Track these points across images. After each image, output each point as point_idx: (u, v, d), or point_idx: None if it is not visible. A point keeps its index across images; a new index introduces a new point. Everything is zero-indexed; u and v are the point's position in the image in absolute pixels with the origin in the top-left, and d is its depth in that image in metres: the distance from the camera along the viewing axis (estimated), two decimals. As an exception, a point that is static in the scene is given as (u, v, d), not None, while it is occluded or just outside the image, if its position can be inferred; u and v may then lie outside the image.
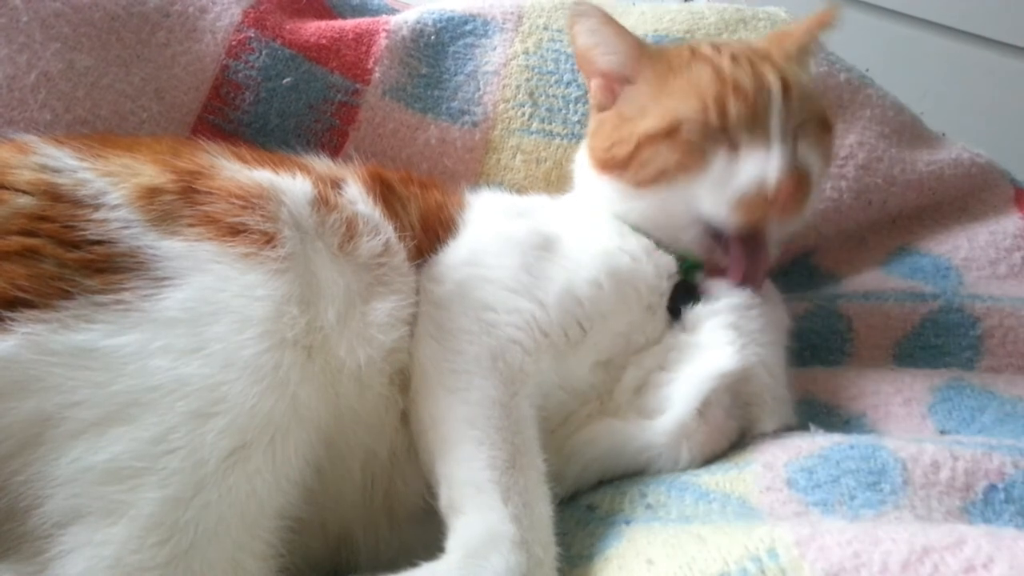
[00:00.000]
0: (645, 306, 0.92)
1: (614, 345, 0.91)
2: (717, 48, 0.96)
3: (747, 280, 0.92)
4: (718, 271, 0.94)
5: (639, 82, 0.97)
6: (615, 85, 0.99)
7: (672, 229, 0.94)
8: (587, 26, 0.97)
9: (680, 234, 0.94)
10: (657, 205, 0.93)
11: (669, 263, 0.94)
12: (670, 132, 0.90)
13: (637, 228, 0.96)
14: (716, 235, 0.92)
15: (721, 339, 0.88)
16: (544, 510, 0.75)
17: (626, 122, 0.95)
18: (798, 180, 0.87)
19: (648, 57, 0.97)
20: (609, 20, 0.97)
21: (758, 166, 0.87)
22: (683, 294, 0.93)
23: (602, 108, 1.00)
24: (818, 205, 1.23)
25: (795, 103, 0.90)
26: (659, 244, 0.95)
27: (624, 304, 0.90)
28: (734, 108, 0.88)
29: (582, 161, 1.05)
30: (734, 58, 0.93)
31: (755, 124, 0.88)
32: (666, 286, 0.93)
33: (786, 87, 0.90)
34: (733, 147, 0.89)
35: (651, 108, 0.93)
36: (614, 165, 0.96)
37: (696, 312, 0.91)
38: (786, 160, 0.86)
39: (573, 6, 0.96)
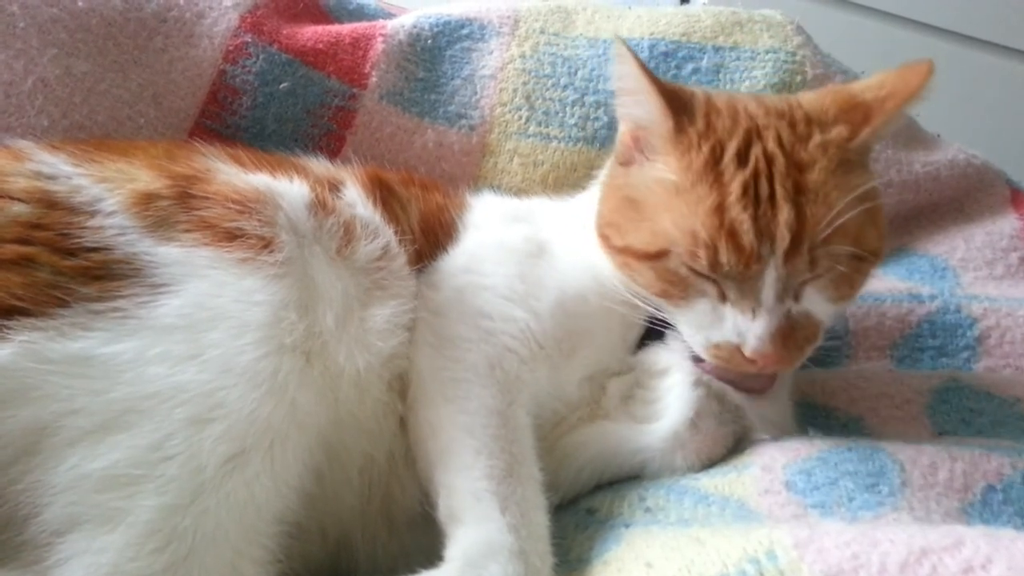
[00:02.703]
0: (622, 333, 0.90)
1: (599, 361, 0.90)
2: (747, 146, 0.80)
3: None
4: None
5: (656, 166, 0.83)
6: (642, 141, 0.86)
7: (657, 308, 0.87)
8: (622, 72, 0.84)
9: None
10: (639, 292, 0.86)
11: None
12: (659, 256, 0.81)
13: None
14: None
15: (667, 357, 0.87)
16: (541, 519, 0.75)
17: (628, 207, 0.86)
18: (786, 341, 0.78)
19: (674, 139, 0.82)
20: (645, 76, 0.81)
21: (738, 328, 0.78)
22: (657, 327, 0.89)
23: (622, 162, 0.89)
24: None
25: (804, 254, 0.76)
26: None
27: (608, 322, 0.89)
28: (725, 261, 0.76)
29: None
30: (745, 188, 0.77)
31: (746, 280, 0.77)
32: (638, 322, 0.89)
33: (798, 237, 0.76)
34: (721, 296, 0.79)
35: (647, 220, 0.82)
36: (604, 244, 0.88)
37: (652, 343, 0.89)
38: (772, 327, 0.77)
39: (616, 46, 0.83)
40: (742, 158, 0.80)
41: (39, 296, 0.66)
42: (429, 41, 1.27)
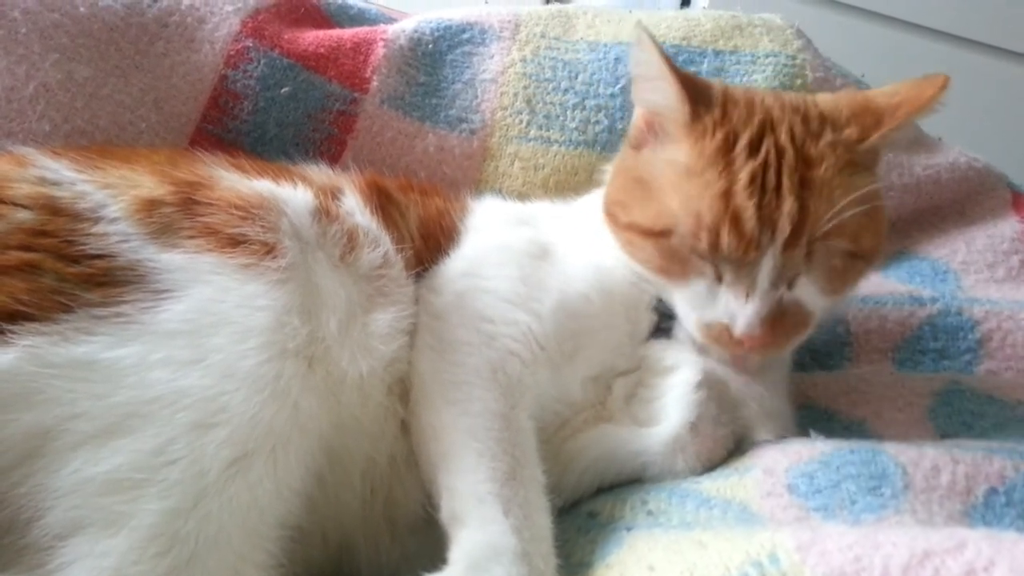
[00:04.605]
0: (629, 330, 0.91)
1: (603, 362, 0.90)
2: (760, 137, 0.83)
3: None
4: None
5: (668, 149, 0.86)
6: (656, 126, 0.89)
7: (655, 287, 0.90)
8: (640, 58, 0.87)
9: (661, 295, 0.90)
10: (640, 270, 0.90)
11: (652, 293, 0.91)
12: (663, 234, 0.84)
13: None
14: None
15: (674, 355, 0.88)
16: (544, 521, 0.75)
17: (636, 186, 0.89)
18: (775, 326, 0.81)
19: (689, 124, 0.84)
20: (664, 63, 0.84)
21: (730, 310, 0.81)
22: (665, 316, 0.91)
23: (634, 145, 0.92)
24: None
25: (802, 246, 0.80)
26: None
27: (612, 319, 0.90)
28: (726, 244, 0.79)
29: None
30: (752, 178, 0.80)
31: (743, 264, 0.80)
32: (649, 315, 0.91)
33: (798, 229, 0.79)
34: (717, 277, 0.83)
35: (654, 199, 0.85)
36: (609, 221, 0.92)
37: (660, 336, 0.91)
38: (762, 312, 0.80)
39: (634, 32, 0.87)
40: (754, 148, 0.82)
41: (43, 301, 0.66)
42: (430, 45, 1.27)
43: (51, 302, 0.66)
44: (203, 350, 0.68)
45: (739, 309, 0.81)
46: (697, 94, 0.86)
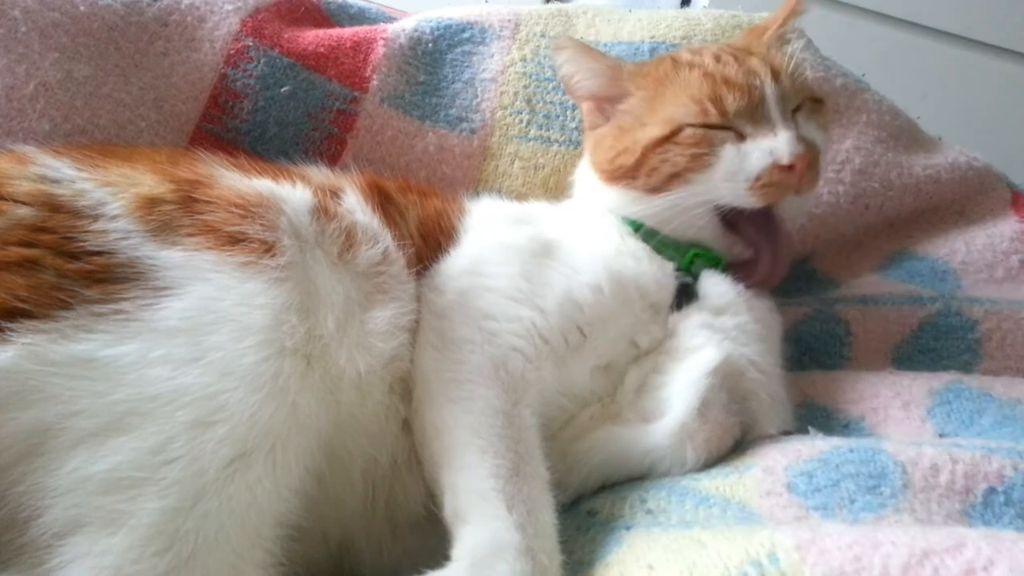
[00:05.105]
0: (649, 306, 0.93)
1: (615, 349, 0.91)
2: (698, 52, 1.01)
3: (776, 266, 0.95)
4: (740, 266, 0.96)
5: (629, 98, 1.01)
6: (605, 105, 1.03)
7: (690, 227, 0.96)
8: (566, 56, 1.03)
9: (699, 231, 0.96)
10: (673, 205, 0.94)
11: (668, 267, 0.95)
12: (673, 135, 0.93)
13: (653, 230, 0.98)
14: (733, 225, 0.95)
15: (699, 340, 0.89)
16: (548, 518, 0.75)
17: (626, 132, 0.99)
18: (808, 152, 0.91)
19: (631, 75, 1.01)
20: (585, 49, 1.02)
21: (768, 149, 0.90)
22: (683, 297, 0.94)
23: (595, 128, 1.04)
24: (815, 210, 1.23)
25: (787, 86, 0.95)
26: (665, 246, 0.97)
27: (626, 307, 0.91)
28: (731, 101, 0.92)
29: (584, 174, 1.07)
30: (717, 57, 0.97)
31: (755, 112, 0.92)
32: (669, 289, 0.94)
33: (774, 72, 0.95)
34: (740, 137, 0.92)
35: (649, 118, 0.97)
36: (622, 175, 0.98)
37: (673, 319, 0.93)
38: (794, 134, 0.91)
39: (551, 41, 1.01)
40: (697, 55, 1.00)
41: (42, 298, 0.66)
42: (430, 45, 1.27)
43: (50, 299, 0.66)
44: (202, 348, 0.68)
45: (775, 143, 0.90)
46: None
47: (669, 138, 0.94)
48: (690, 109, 0.93)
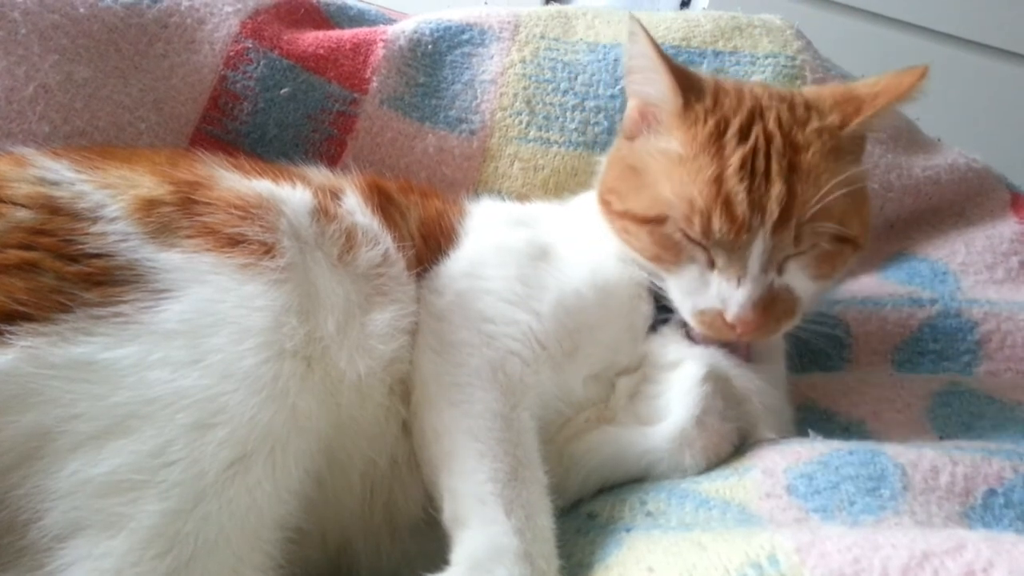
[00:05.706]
0: (627, 325, 0.91)
1: (603, 359, 0.90)
2: (749, 124, 0.86)
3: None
4: None
5: (663, 137, 0.89)
6: (650, 117, 0.92)
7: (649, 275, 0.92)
8: (638, 51, 0.90)
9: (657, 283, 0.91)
10: (636, 258, 0.92)
11: (647, 286, 0.92)
12: (657, 221, 0.87)
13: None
14: None
15: (684, 350, 0.89)
16: (546, 522, 0.75)
17: (628, 176, 0.92)
18: (766, 311, 0.83)
19: (682, 118, 0.88)
20: (660, 59, 0.88)
21: (721, 297, 0.83)
22: (664, 309, 0.92)
23: (628, 136, 0.95)
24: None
25: (786, 239, 0.83)
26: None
27: (608, 316, 0.90)
28: (717, 228, 0.82)
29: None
30: (754, 153, 0.84)
31: (734, 249, 0.83)
32: (646, 309, 0.92)
33: (783, 216, 0.82)
34: (710, 263, 0.85)
35: (651, 180, 0.88)
36: (604, 209, 0.94)
37: (662, 329, 0.92)
38: (754, 296, 0.82)
39: (629, 23, 0.90)
40: (744, 134, 0.86)
41: (42, 301, 0.66)
42: (430, 46, 1.27)
43: (50, 302, 0.66)
44: (202, 350, 0.68)
45: (731, 294, 0.83)
46: (689, 85, 0.89)
47: (651, 220, 0.87)
48: (681, 209, 0.83)
